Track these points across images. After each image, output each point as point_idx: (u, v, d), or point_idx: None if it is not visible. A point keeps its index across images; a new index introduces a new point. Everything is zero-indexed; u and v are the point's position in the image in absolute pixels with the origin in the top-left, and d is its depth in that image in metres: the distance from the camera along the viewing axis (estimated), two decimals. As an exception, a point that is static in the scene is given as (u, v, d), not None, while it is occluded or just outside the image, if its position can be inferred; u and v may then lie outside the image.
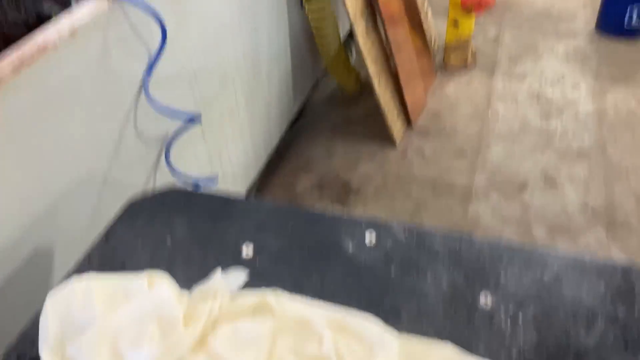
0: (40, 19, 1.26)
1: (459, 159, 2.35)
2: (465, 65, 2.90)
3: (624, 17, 3.01)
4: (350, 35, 2.73)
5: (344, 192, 2.25)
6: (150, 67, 1.26)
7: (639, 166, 2.25)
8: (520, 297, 0.79)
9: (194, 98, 1.56)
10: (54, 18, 1.20)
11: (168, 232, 0.96)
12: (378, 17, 2.35)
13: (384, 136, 2.45)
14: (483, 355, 0.71)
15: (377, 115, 2.38)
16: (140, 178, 1.40)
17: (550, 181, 2.21)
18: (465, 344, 0.73)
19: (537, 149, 2.37)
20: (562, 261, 0.83)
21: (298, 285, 0.84)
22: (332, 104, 2.75)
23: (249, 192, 2.14)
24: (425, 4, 2.89)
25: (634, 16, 2.99)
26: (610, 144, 2.37)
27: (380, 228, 0.92)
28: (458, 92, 2.75)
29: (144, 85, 1.25)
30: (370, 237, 0.90)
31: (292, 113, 2.47)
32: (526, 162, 2.31)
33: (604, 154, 2.32)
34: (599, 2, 3.15)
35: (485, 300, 0.79)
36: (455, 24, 2.78)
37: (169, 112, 1.36)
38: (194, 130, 1.58)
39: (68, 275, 0.89)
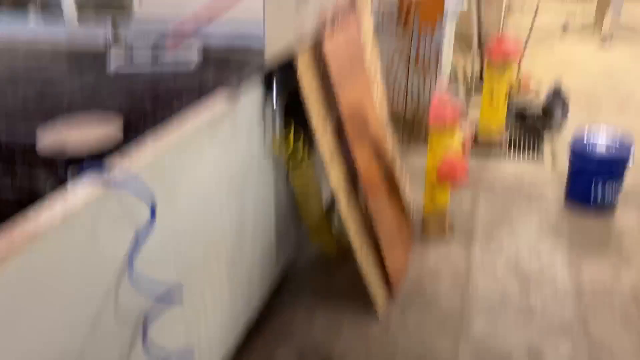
0: (33, 195, 1.30)
1: (442, 332, 2.31)
2: (443, 235, 2.99)
3: (590, 191, 3.20)
4: (333, 200, 2.84)
5: (325, 366, 2.16)
6: (137, 246, 1.28)
7: (621, 344, 2.23)
8: None
9: (176, 269, 1.55)
10: (47, 193, 1.24)
11: None
12: (359, 188, 2.47)
13: (367, 305, 2.42)
14: None
15: (360, 282, 2.38)
16: (114, 357, 1.34)
17: (535, 356, 2.16)
18: None
19: (520, 324, 2.35)
20: None
21: None
22: (314, 269, 2.75)
23: (225, 365, 2.04)
24: (403, 176, 3.06)
25: (599, 191, 3.19)
26: (592, 320, 2.37)
27: None
28: (438, 262, 2.79)
29: (129, 265, 1.26)
30: None
31: (274, 279, 2.46)
32: (510, 337, 2.27)
33: (586, 330, 2.31)
34: (566, 176, 3.38)
35: None
36: (431, 195, 2.93)
37: (151, 293, 1.34)
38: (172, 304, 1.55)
39: None
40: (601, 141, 3.25)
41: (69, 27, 3.16)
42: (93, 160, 1.55)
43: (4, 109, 1.94)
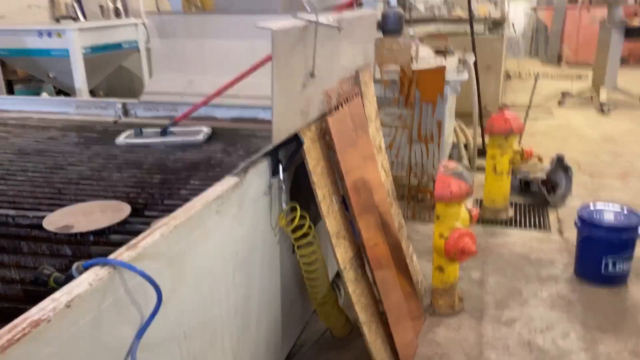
0: (38, 279, 1.28)
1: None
2: (453, 309, 2.91)
3: (601, 265, 3.15)
4: (339, 274, 2.79)
5: None
6: (141, 332, 1.24)
7: None
8: None
9: (181, 356, 1.50)
10: (50, 286, 1.22)
11: None
12: (366, 262, 2.43)
13: (375, 387, 2.32)
14: None
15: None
16: None
17: None
18: None
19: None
20: None
21: None
22: (321, 347, 2.67)
23: None
24: (410, 248, 3.03)
25: (610, 265, 3.13)
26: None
27: None
28: (448, 338, 2.70)
29: (132, 353, 1.21)
30: None
31: (280, 358, 2.37)
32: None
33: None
34: (574, 245, 3.33)
35: None
36: (440, 269, 2.88)
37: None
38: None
39: None
40: (609, 213, 3.23)
41: (80, 102, 3.24)
42: (99, 242, 1.55)
43: (15, 186, 1.95)
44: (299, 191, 2.20)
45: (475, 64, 4.90)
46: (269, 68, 1.77)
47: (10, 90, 5.16)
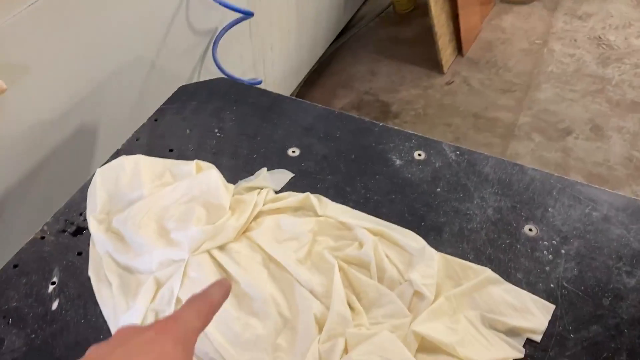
0: None
1: (505, 94, 2.27)
2: (526, -3, 2.74)
3: None
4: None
5: (383, 115, 2.21)
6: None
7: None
8: (566, 231, 0.77)
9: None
10: None
11: (216, 122, 0.96)
12: None
13: (432, 62, 2.36)
14: (520, 283, 0.71)
15: (427, 38, 2.29)
16: (186, 70, 1.38)
17: (596, 130, 2.14)
18: (504, 270, 0.73)
19: (589, 96, 2.27)
20: (613, 201, 0.81)
21: (341, 192, 0.83)
22: (382, 20, 2.64)
23: (288, 101, 2.11)
24: None
25: None
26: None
27: (431, 145, 0.90)
28: (515, 25, 2.61)
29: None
30: (419, 153, 0.89)
31: (341, 25, 2.39)
32: (575, 107, 2.22)
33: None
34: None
35: (529, 230, 0.78)
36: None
37: (224, 3, 1.31)
38: (242, 31, 1.54)
39: (117, 154, 0.90)
40: None
41: None
42: None
43: None
44: None
45: None
46: None
47: None
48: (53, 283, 0.74)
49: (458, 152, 0.89)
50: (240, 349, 0.62)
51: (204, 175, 0.79)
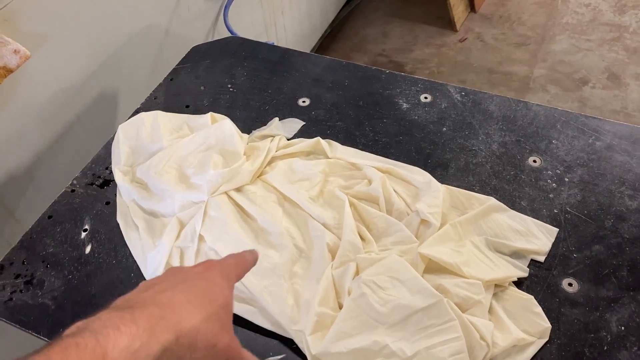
0: None
1: (520, 48, 2.25)
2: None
3: None
4: None
5: (397, 74, 2.21)
6: None
7: None
8: (569, 161, 0.80)
9: None
10: None
11: (229, 78, 1.00)
12: None
13: (444, 20, 2.35)
14: (524, 211, 0.74)
15: (440, -5, 2.28)
16: (199, 35, 1.42)
17: (613, 78, 2.11)
18: (508, 199, 0.76)
19: (605, 45, 2.24)
20: (617, 131, 0.83)
21: (350, 137, 0.87)
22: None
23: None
24: None
25: None
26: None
27: (437, 88, 0.93)
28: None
29: None
30: (425, 96, 0.91)
31: (350, -11, 2.39)
32: (591, 56, 2.19)
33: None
34: None
35: (533, 161, 0.80)
36: None
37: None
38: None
39: (136, 112, 0.95)
40: None
41: None
42: None
43: None
44: None
45: None
46: None
47: None
48: (85, 230, 0.79)
49: (463, 93, 0.91)
50: (260, 276, 0.67)
51: (218, 125, 0.83)
